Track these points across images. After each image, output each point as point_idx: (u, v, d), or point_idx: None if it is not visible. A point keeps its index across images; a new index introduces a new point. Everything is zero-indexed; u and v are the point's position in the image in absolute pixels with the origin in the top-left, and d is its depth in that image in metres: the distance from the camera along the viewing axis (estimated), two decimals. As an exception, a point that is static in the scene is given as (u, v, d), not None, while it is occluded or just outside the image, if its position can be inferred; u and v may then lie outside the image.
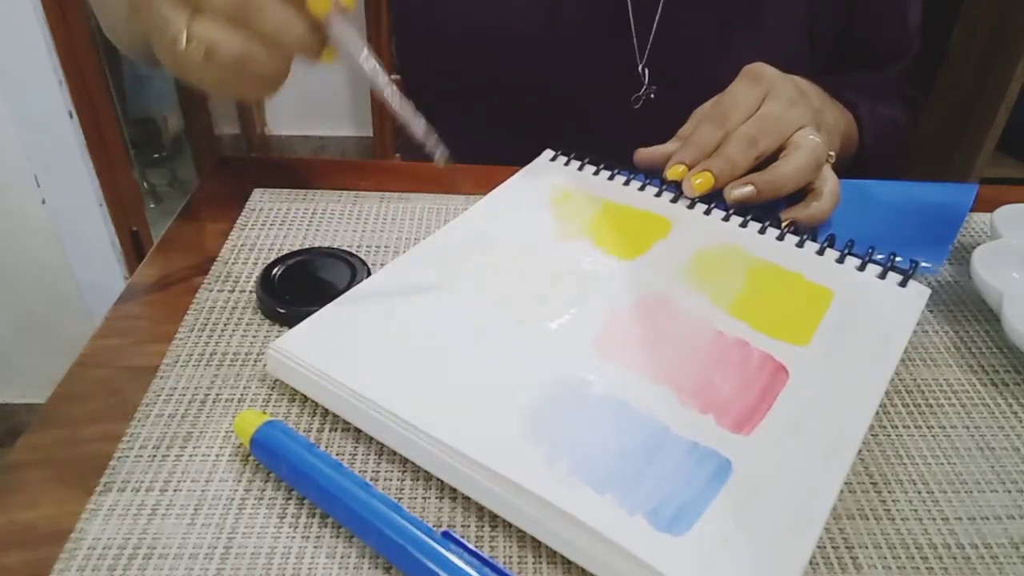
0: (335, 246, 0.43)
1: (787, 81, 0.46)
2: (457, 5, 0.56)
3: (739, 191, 0.43)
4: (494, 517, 0.29)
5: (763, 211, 0.43)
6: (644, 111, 0.58)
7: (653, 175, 0.46)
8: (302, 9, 0.34)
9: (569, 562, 0.28)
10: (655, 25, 0.55)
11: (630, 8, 0.55)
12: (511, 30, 0.56)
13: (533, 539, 0.28)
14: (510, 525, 0.29)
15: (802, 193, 0.45)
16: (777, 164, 0.44)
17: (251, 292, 0.40)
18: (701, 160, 0.44)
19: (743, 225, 0.43)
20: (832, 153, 0.46)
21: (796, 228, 0.42)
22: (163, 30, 0.34)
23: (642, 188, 0.46)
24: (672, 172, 0.44)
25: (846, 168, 0.56)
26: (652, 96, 0.58)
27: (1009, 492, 0.31)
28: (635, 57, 0.56)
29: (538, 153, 0.49)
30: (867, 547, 0.29)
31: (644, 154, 0.48)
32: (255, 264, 0.42)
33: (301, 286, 0.39)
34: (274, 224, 0.45)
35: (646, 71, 0.57)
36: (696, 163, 0.44)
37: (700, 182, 0.43)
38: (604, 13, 0.55)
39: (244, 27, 0.33)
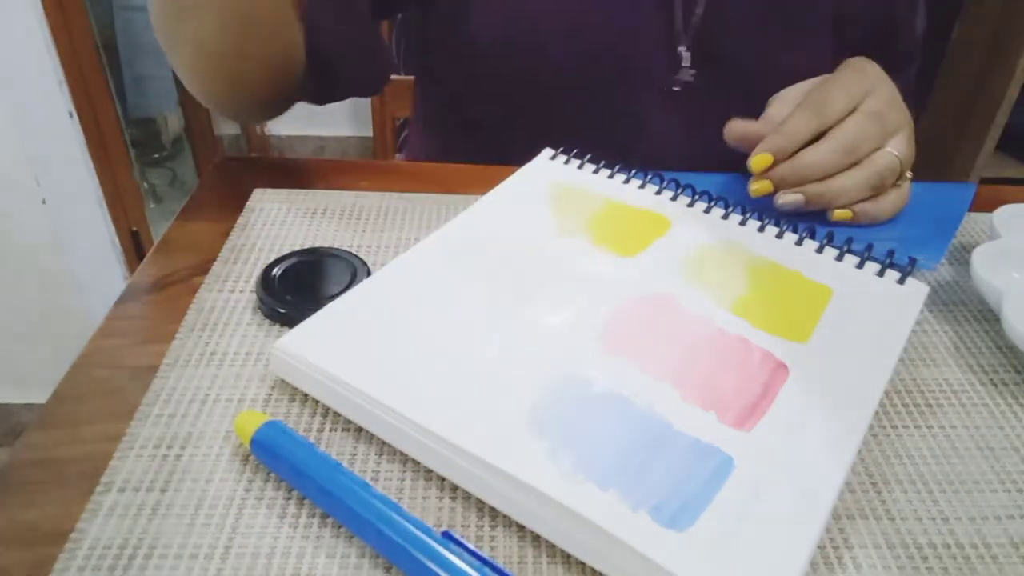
0: (335, 246, 0.43)
1: (888, 80, 0.45)
2: None
3: (787, 198, 0.43)
4: (494, 517, 0.29)
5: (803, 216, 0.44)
6: (684, 96, 0.56)
7: (664, 176, 0.46)
8: None
9: (569, 561, 0.28)
10: (703, 5, 0.54)
11: None
12: (538, 11, 0.54)
13: (533, 538, 0.28)
14: (510, 525, 0.29)
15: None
16: (836, 177, 0.43)
17: (251, 292, 0.40)
18: (791, 150, 0.43)
19: (742, 223, 0.43)
20: (909, 174, 0.46)
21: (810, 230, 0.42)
22: None
23: (642, 186, 0.46)
24: (757, 162, 0.43)
25: None
26: (691, 79, 0.56)
27: (1009, 492, 0.31)
28: (676, 36, 0.55)
29: (568, 143, 0.49)
30: (867, 547, 0.29)
31: (737, 128, 0.47)
32: (255, 264, 0.42)
33: (301, 286, 0.39)
34: (274, 224, 0.45)
35: (687, 52, 0.55)
36: (784, 154, 0.43)
37: (789, 199, 0.43)
38: None
39: None
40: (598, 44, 0.55)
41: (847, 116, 0.43)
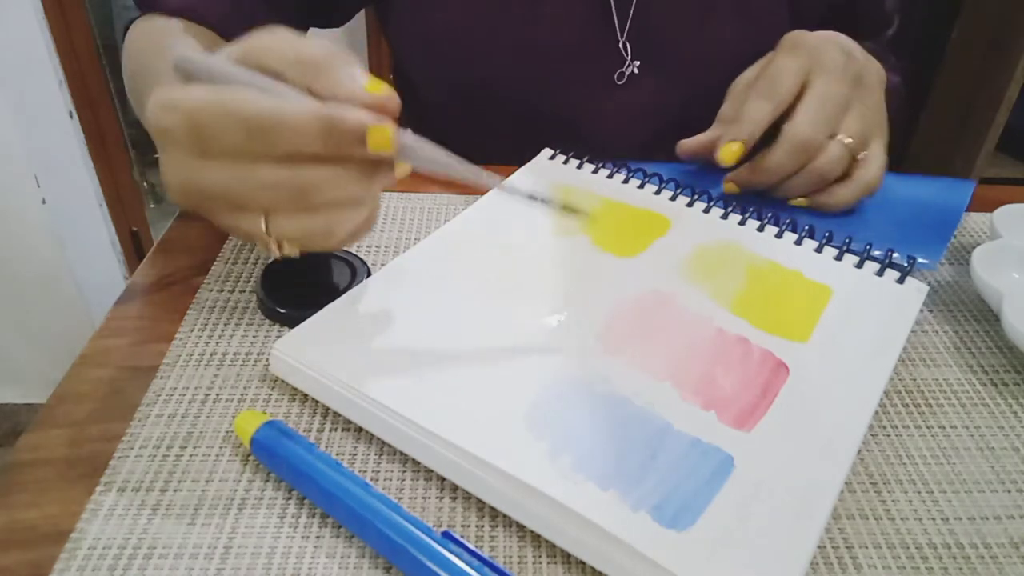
0: (335, 246, 0.43)
1: (831, 46, 0.45)
2: None
3: (727, 186, 0.46)
4: (494, 517, 0.29)
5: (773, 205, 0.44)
6: (629, 87, 0.58)
7: (663, 176, 0.46)
8: (358, 155, 0.30)
9: (569, 561, 0.28)
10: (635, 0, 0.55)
11: None
12: (491, 14, 0.55)
13: (533, 538, 0.28)
14: (510, 524, 0.29)
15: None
16: (786, 181, 0.44)
17: (251, 292, 0.40)
18: (757, 136, 0.44)
19: (742, 223, 0.43)
20: (872, 149, 0.45)
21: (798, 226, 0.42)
22: (242, 237, 0.32)
23: (641, 186, 0.46)
24: (728, 154, 0.43)
25: None
26: (636, 71, 0.57)
27: (1009, 492, 0.31)
28: (616, 32, 0.56)
29: (529, 143, 0.49)
30: (867, 547, 0.29)
31: (688, 145, 0.48)
32: (255, 264, 0.42)
33: (301, 286, 0.39)
34: (274, 224, 0.45)
35: (627, 46, 0.56)
36: (752, 140, 0.44)
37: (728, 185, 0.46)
38: None
39: (314, 207, 0.31)
40: (542, 44, 0.56)
41: (798, 103, 0.44)
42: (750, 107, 0.44)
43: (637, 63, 0.57)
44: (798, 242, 0.41)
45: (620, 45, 0.56)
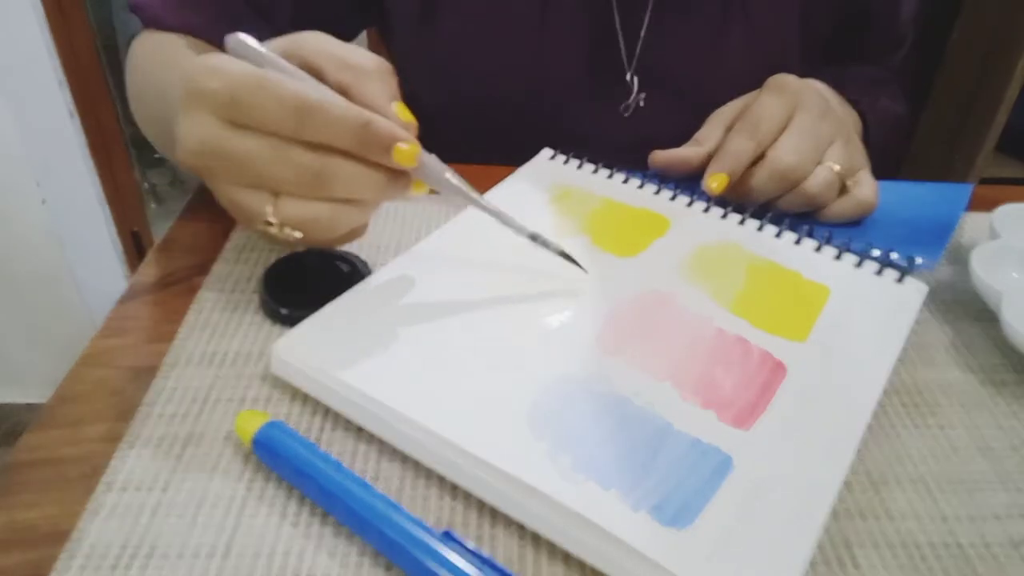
0: (335, 246, 0.43)
1: (812, 91, 0.46)
2: (445, 21, 0.56)
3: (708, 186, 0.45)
4: (494, 516, 0.29)
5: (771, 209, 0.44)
6: (634, 118, 0.58)
7: (665, 177, 0.46)
8: (380, 162, 0.32)
9: (569, 560, 0.28)
10: (643, 32, 0.55)
11: (617, 17, 0.55)
12: (498, 44, 0.56)
13: (533, 538, 0.28)
14: (511, 524, 0.29)
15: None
16: (777, 201, 0.45)
17: (252, 292, 0.40)
18: (740, 170, 0.44)
19: (742, 223, 0.43)
20: (861, 176, 0.46)
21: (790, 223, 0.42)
22: (242, 214, 0.33)
23: (641, 186, 0.46)
24: (716, 183, 0.43)
25: None
26: (641, 103, 0.57)
27: (1009, 492, 0.31)
28: (623, 65, 0.56)
29: (531, 153, 0.49)
30: (867, 547, 0.29)
31: (661, 157, 0.48)
32: (256, 264, 0.42)
33: (302, 286, 0.39)
34: (274, 224, 0.45)
35: (635, 79, 0.57)
36: (735, 174, 0.44)
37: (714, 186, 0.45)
38: (591, 23, 0.55)
39: (326, 196, 0.32)
40: (548, 78, 0.56)
41: (781, 134, 0.44)
42: (733, 143, 0.44)
43: (643, 95, 0.57)
44: (797, 242, 0.41)
45: (628, 77, 0.56)
